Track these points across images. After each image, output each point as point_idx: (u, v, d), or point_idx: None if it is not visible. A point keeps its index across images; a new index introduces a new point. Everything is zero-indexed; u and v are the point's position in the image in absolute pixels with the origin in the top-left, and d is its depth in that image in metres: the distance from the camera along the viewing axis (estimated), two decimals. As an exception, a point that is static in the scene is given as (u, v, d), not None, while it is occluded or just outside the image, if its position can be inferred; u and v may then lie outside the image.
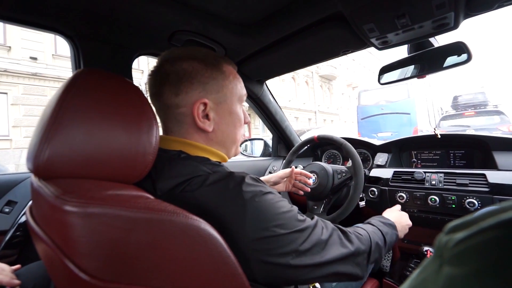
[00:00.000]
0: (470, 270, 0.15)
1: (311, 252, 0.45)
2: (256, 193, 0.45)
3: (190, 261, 0.36)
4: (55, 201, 0.32)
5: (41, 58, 7.91)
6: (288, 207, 0.48)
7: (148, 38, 0.86)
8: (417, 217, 1.03)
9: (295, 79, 16.37)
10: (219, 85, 0.55)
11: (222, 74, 0.56)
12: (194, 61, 0.53)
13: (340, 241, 0.50)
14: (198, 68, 0.53)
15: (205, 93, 0.53)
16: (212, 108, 0.54)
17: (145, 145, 0.43)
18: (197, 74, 0.53)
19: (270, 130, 1.64)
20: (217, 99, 0.55)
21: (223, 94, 0.55)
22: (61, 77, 8.05)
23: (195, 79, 0.53)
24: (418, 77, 0.92)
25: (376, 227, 0.64)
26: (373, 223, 0.67)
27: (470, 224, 0.17)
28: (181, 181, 0.46)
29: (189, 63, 0.53)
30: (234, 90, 0.58)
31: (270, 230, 0.43)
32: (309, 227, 0.47)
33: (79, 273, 0.31)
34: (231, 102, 0.57)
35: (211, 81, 0.54)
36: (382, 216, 0.76)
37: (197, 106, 0.52)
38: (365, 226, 0.64)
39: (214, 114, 0.55)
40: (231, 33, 0.88)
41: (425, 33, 0.78)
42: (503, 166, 0.96)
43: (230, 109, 0.57)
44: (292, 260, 0.43)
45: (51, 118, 0.36)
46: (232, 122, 0.58)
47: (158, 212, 0.35)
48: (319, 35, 0.87)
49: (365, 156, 1.40)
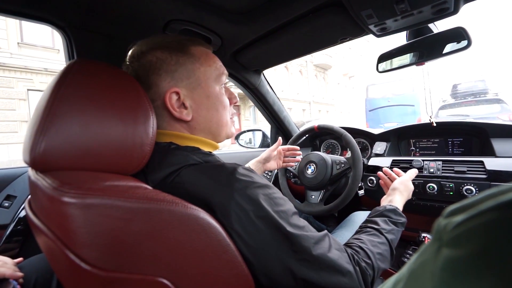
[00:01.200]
0: (469, 251, 0.15)
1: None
2: (248, 184, 0.43)
3: (190, 250, 0.37)
4: (53, 192, 0.32)
5: (4, 47, 7.39)
6: (286, 205, 0.46)
7: (142, 28, 0.84)
8: (415, 205, 1.05)
9: (288, 69, 16.01)
10: (189, 70, 0.52)
11: (190, 57, 0.53)
12: (157, 51, 0.52)
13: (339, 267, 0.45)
14: (162, 58, 0.51)
15: (175, 81, 0.52)
16: (186, 95, 0.52)
17: (142, 136, 0.43)
18: (163, 63, 0.51)
19: (268, 121, 1.63)
20: (190, 85, 0.53)
21: (195, 78, 0.53)
22: (28, 67, 7.56)
23: (162, 70, 0.51)
24: (417, 64, 0.91)
25: (382, 241, 0.57)
26: (381, 233, 0.59)
27: (469, 207, 0.17)
28: (172, 171, 0.46)
29: (152, 54, 0.52)
30: (208, 72, 0.55)
31: (256, 224, 0.41)
32: (300, 235, 0.43)
33: (80, 263, 0.31)
34: (207, 85, 0.54)
35: (178, 68, 0.52)
36: (390, 210, 0.67)
37: (168, 96, 0.50)
38: (369, 240, 0.56)
39: (191, 101, 0.53)
40: (226, 21, 0.86)
41: (425, 19, 0.77)
42: (501, 153, 0.96)
43: (207, 92, 0.54)
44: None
45: (45, 110, 0.36)
46: (213, 106, 0.55)
47: (156, 202, 0.35)
48: (317, 22, 0.85)
49: (364, 145, 1.40)
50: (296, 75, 16.82)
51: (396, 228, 0.63)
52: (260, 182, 0.46)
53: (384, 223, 0.62)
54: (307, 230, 0.46)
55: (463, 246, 0.16)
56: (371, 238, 0.57)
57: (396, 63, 0.97)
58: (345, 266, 0.46)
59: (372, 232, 0.59)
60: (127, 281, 0.34)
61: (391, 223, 0.63)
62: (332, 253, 0.45)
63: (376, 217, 0.65)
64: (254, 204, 0.42)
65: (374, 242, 0.55)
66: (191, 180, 0.44)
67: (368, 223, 0.63)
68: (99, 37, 0.80)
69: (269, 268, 0.42)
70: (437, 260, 0.17)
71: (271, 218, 0.42)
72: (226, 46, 1.03)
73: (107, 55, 0.83)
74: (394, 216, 0.66)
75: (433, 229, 0.20)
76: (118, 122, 0.40)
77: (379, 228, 0.60)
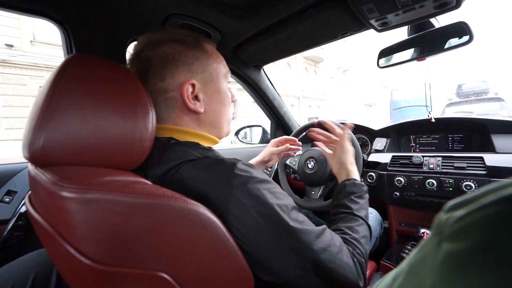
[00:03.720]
0: (469, 245, 0.15)
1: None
2: (247, 179, 0.43)
3: (190, 245, 0.37)
4: (53, 187, 0.32)
5: (18, 45, 7.53)
6: (286, 199, 0.46)
7: (141, 22, 0.83)
8: (414, 201, 1.05)
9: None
10: (204, 64, 0.54)
11: (205, 53, 0.55)
12: (174, 43, 0.52)
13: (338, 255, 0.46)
14: (181, 50, 0.52)
15: (191, 74, 0.53)
16: (200, 88, 0.54)
17: (142, 131, 0.43)
18: (180, 55, 0.52)
19: (268, 117, 1.63)
20: (204, 79, 0.54)
21: (209, 73, 0.55)
22: (41, 64, 7.73)
23: (179, 61, 0.52)
24: (418, 59, 0.91)
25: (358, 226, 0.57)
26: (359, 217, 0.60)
27: (470, 201, 0.17)
28: (172, 166, 0.46)
29: (170, 45, 0.52)
30: (219, 68, 0.57)
31: (256, 219, 0.41)
32: (301, 230, 0.44)
33: (80, 257, 0.31)
34: (218, 80, 0.57)
35: (195, 62, 0.53)
36: (351, 185, 0.68)
37: (186, 88, 0.51)
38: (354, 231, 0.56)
39: (203, 95, 0.54)
40: (226, 16, 0.85)
41: (426, 13, 0.76)
42: (501, 149, 0.96)
43: (218, 87, 0.57)
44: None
45: (44, 105, 0.36)
46: (222, 101, 0.58)
47: (156, 197, 0.35)
48: (317, 17, 0.84)
49: (364, 141, 1.40)
50: (283, 68, 15.85)
51: (363, 201, 0.65)
52: (260, 177, 0.45)
53: (352, 203, 0.63)
54: (307, 224, 0.46)
55: (464, 240, 0.16)
56: (349, 224, 0.58)
57: (397, 59, 0.97)
58: (345, 259, 0.46)
59: (347, 217, 0.60)
60: (127, 276, 0.34)
61: (358, 198, 0.65)
62: (332, 247, 0.46)
63: (343, 199, 0.65)
64: (254, 199, 0.42)
65: (354, 228, 0.56)
66: (190, 176, 0.44)
67: (339, 208, 0.63)
68: (97, 32, 0.80)
69: (270, 263, 0.42)
70: (437, 254, 0.17)
71: (272, 212, 0.42)
72: (226, 41, 1.02)
73: (105, 49, 0.82)
74: (357, 189, 0.67)
75: (433, 223, 0.20)
76: (118, 117, 0.40)
77: (351, 211, 0.61)
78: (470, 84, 8.12)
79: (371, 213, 1.04)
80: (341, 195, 0.67)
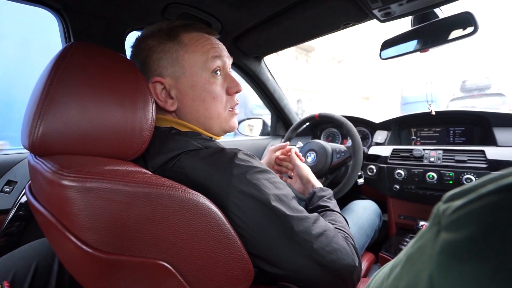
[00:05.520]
0: (468, 234, 0.15)
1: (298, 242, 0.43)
2: (248, 169, 0.43)
3: (190, 234, 0.37)
4: (53, 176, 0.32)
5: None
6: (286, 189, 0.47)
7: (140, 11, 0.82)
8: (414, 194, 1.05)
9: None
10: (173, 58, 0.50)
11: (177, 44, 0.50)
12: (148, 39, 0.51)
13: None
14: (151, 45, 0.50)
15: (160, 70, 0.50)
16: (171, 85, 0.51)
17: (142, 121, 0.42)
18: (150, 51, 0.50)
19: (269, 109, 1.62)
20: (174, 74, 0.50)
21: (179, 66, 0.50)
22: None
23: (149, 58, 0.50)
24: (421, 51, 0.89)
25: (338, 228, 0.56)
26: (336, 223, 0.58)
27: (469, 191, 0.17)
28: (172, 156, 0.46)
29: (144, 42, 0.51)
30: (193, 59, 0.50)
31: (256, 209, 0.42)
32: (300, 217, 0.44)
33: (81, 245, 0.31)
34: (191, 73, 0.51)
35: (164, 56, 0.50)
36: (319, 191, 0.71)
37: (153, 85, 0.50)
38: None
39: (176, 91, 0.51)
40: (226, 5, 0.84)
41: (431, 3, 0.75)
42: (502, 142, 0.96)
43: (191, 81, 0.51)
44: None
45: (42, 94, 0.35)
46: (198, 97, 0.51)
47: (156, 187, 0.35)
48: (319, 7, 0.83)
49: (364, 134, 1.39)
50: (271, 56, 15.02)
51: (334, 202, 0.68)
52: (260, 167, 0.45)
53: (327, 203, 0.66)
54: (305, 212, 0.47)
55: (462, 230, 0.16)
56: (331, 218, 0.59)
57: (399, 50, 0.95)
58: (341, 242, 0.47)
59: (326, 214, 0.61)
60: (128, 264, 0.34)
61: (329, 200, 0.68)
62: (328, 231, 0.47)
63: (317, 203, 0.67)
64: (254, 188, 0.42)
65: (338, 219, 0.58)
66: (191, 166, 0.44)
67: (317, 209, 0.65)
68: (97, 21, 0.78)
69: (270, 251, 0.43)
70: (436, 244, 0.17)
71: (271, 201, 0.42)
72: (226, 32, 1.01)
73: (104, 38, 0.81)
74: (325, 193, 0.70)
75: (431, 214, 0.19)
76: (117, 107, 0.40)
77: (328, 208, 0.63)
78: (473, 80, 8.37)
79: (370, 206, 1.04)
80: (313, 200, 0.69)
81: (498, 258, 0.14)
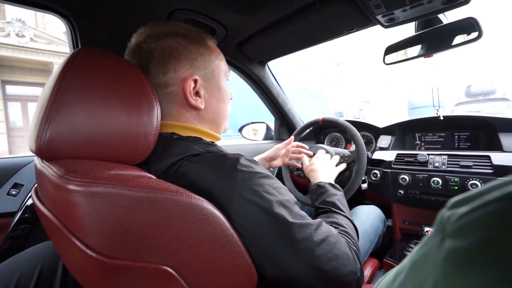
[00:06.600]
0: (472, 242, 0.15)
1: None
2: (250, 175, 0.43)
3: (194, 239, 0.37)
4: (59, 180, 0.32)
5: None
6: (288, 195, 0.47)
7: (146, 17, 0.83)
8: (419, 199, 1.04)
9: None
10: (206, 60, 0.54)
11: (208, 49, 0.55)
12: (179, 37, 0.52)
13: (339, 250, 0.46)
14: (185, 44, 0.52)
15: (194, 69, 0.52)
16: (201, 85, 0.54)
17: (146, 125, 0.43)
18: (184, 50, 0.51)
19: (272, 113, 1.62)
20: (206, 75, 0.54)
21: (210, 70, 0.55)
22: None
23: (183, 56, 0.51)
24: (425, 56, 0.89)
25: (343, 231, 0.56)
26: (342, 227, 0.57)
27: (473, 198, 0.17)
28: (175, 161, 0.46)
29: (174, 39, 0.51)
30: (220, 66, 0.57)
31: (258, 214, 0.42)
32: (302, 224, 0.44)
33: (86, 250, 0.32)
34: (219, 77, 0.57)
35: (198, 57, 0.53)
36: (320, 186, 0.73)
37: (188, 83, 0.51)
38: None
39: (204, 91, 0.54)
40: (231, 11, 0.85)
41: (435, 9, 0.75)
42: (508, 148, 0.95)
43: (219, 84, 0.57)
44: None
45: (50, 99, 0.36)
46: (221, 98, 0.58)
47: (161, 192, 0.35)
48: (323, 12, 0.83)
49: (368, 139, 1.39)
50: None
51: (340, 193, 0.70)
52: (262, 172, 0.46)
53: (330, 198, 0.66)
54: (307, 218, 0.46)
55: (467, 237, 0.16)
56: (334, 220, 0.58)
57: (403, 55, 0.95)
58: (343, 248, 0.47)
59: (329, 215, 0.61)
60: (131, 269, 0.34)
61: (331, 195, 0.68)
62: (331, 237, 0.46)
63: (321, 201, 0.67)
64: (256, 195, 0.42)
65: (340, 223, 0.58)
66: (193, 170, 0.44)
67: (319, 210, 0.65)
68: (103, 26, 0.80)
69: (272, 257, 0.42)
70: (440, 251, 0.17)
71: (274, 208, 0.42)
72: (231, 37, 1.02)
73: (111, 44, 0.82)
74: (331, 188, 0.71)
75: (436, 220, 0.19)
76: (123, 112, 0.40)
77: (333, 208, 0.63)
78: (478, 84, 8.44)
79: (374, 211, 1.03)
80: (317, 196, 0.70)
81: (504, 266, 0.13)
